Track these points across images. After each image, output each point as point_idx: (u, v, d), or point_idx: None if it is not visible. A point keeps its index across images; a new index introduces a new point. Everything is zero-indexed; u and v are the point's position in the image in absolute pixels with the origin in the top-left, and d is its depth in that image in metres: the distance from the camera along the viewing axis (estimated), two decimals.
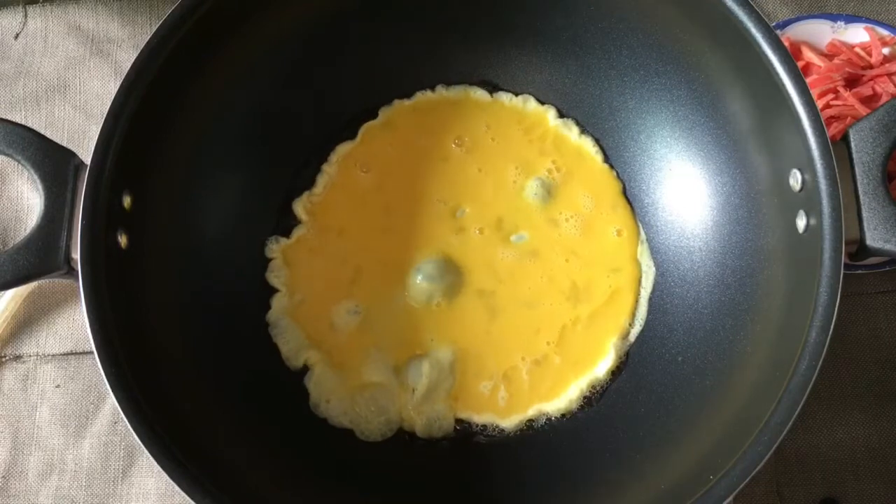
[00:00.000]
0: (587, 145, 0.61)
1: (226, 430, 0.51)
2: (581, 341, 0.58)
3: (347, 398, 0.57)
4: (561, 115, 0.62)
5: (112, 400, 0.46)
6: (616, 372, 0.57)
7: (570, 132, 0.62)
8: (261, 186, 0.59)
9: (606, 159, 0.61)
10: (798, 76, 0.46)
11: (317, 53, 0.59)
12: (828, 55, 0.65)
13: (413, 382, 0.57)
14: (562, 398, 0.57)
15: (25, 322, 0.65)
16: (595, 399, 0.57)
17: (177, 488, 0.43)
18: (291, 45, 0.58)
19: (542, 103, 0.62)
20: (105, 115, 0.47)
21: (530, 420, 0.57)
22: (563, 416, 0.57)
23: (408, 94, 0.62)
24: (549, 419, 0.57)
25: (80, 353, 0.64)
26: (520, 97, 0.62)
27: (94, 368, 0.50)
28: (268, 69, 0.57)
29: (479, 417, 0.57)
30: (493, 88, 0.63)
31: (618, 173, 0.61)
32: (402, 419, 0.57)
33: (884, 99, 0.63)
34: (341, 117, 0.62)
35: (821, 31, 0.66)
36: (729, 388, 0.50)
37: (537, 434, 0.57)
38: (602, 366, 0.57)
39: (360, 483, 0.55)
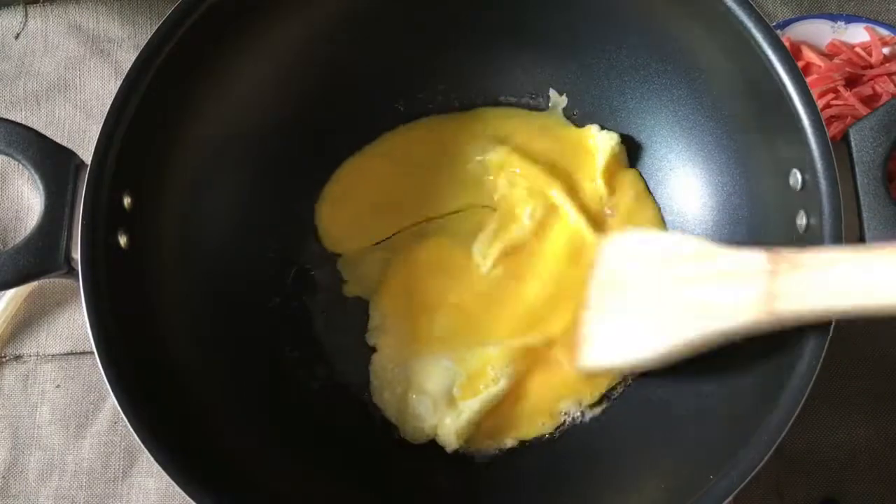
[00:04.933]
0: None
1: (227, 430, 0.51)
2: None
3: (398, 396, 0.57)
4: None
5: (112, 400, 0.46)
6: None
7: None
8: (262, 185, 0.59)
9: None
10: (798, 76, 0.46)
11: (317, 53, 0.59)
12: (828, 55, 0.65)
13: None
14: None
15: (25, 322, 0.65)
16: (595, 402, 0.57)
17: (177, 488, 0.43)
18: (293, 44, 0.58)
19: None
20: (105, 115, 0.47)
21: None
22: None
23: (407, 94, 0.62)
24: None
25: (80, 353, 0.64)
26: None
27: (94, 368, 0.50)
28: (269, 68, 0.57)
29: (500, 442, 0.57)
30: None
31: None
32: (436, 434, 0.56)
33: (884, 99, 0.63)
34: (343, 116, 0.62)
35: (821, 31, 0.66)
36: (729, 388, 0.50)
37: (538, 439, 0.57)
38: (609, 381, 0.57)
39: (362, 482, 0.55)
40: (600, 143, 0.60)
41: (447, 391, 0.56)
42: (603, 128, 0.60)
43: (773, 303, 0.42)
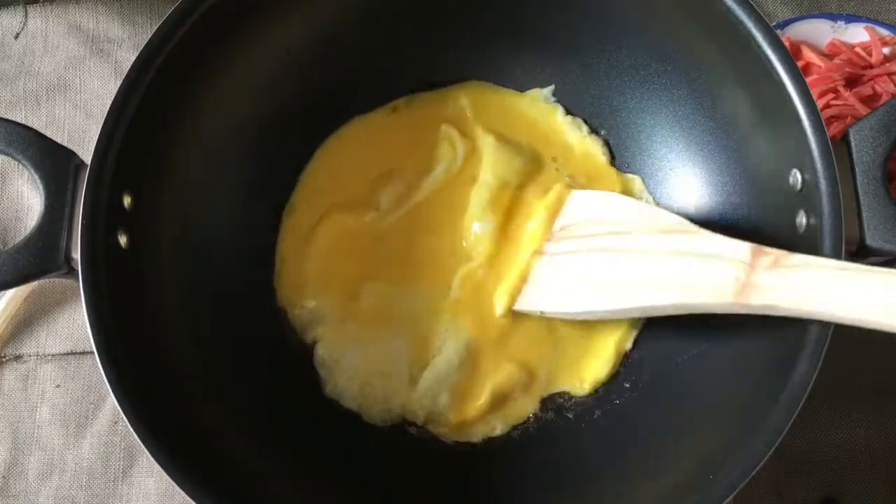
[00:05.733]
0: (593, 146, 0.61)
1: (226, 430, 0.51)
2: (583, 342, 0.58)
3: (357, 386, 0.57)
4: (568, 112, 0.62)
5: (112, 400, 0.46)
6: (615, 373, 0.57)
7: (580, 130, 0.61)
8: (263, 184, 0.59)
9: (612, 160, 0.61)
10: (798, 76, 0.46)
11: (318, 52, 0.59)
12: (828, 55, 0.65)
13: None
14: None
15: (25, 322, 0.65)
16: (590, 399, 0.57)
17: (177, 488, 0.43)
18: (293, 43, 0.58)
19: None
20: (105, 115, 0.47)
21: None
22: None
23: (402, 95, 0.62)
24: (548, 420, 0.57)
25: (80, 353, 0.64)
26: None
27: (94, 368, 0.50)
28: (270, 68, 0.57)
29: (476, 429, 0.57)
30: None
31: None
32: (405, 411, 0.57)
33: (884, 98, 0.63)
34: (342, 115, 0.62)
35: (821, 31, 0.66)
36: (729, 389, 0.50)
37: (537, 434, 0.57)
38: (602, 367, 0.57)
39: (362, 479, 0.55)
40: (566, 128, 0.61)
41: (404, 368, 0.57)
42: (589, 125, 0.61)
43: (745, 292, 0.42)
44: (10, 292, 0.64)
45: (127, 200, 0.48)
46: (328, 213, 0.60)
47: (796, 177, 0.47)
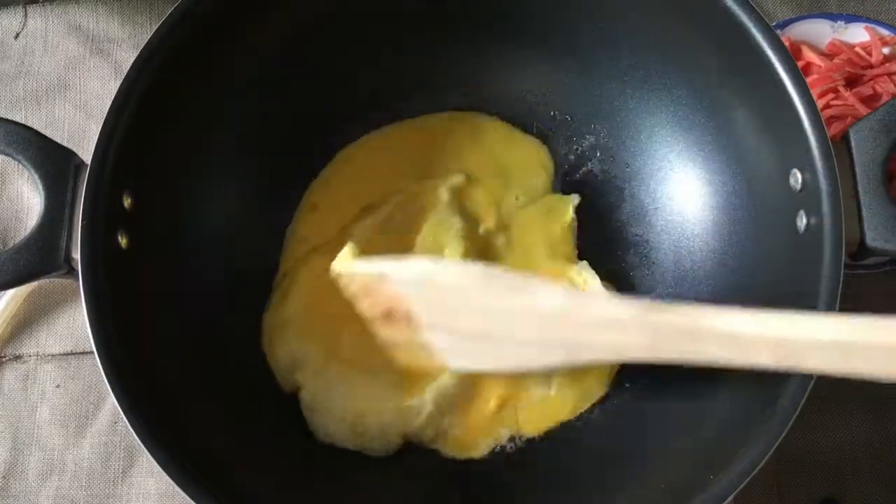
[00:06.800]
0: None
1: (227, 431, 0.51)
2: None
3: (348, 426, 0.55)
4: None
5: (112, 400, 0.46)
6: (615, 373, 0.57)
7: None
8: (263, 185, 0.59)
9: None
10: (798, 76, 0.46)
11: (318, 52, 0.59)
12: (828, 55, 0.65)
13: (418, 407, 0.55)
14: None
15: (25, 322, 0.65)
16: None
17: (177, 488, 0.43)
18: (293, 43, 0.58)
19: None
20: (105, 115, 0.47)
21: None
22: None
23: (407, 98, 0.62)
24: None
25: (80, 353, 0.64)
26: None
27: (94, 368, 0.50)
28: (270, 68, 0.57)
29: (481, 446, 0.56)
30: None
31: (617, 174, 0.61)
32: (407, 439, 0.55)
33: (884, 99, 0.63)
34: (342, 116, 0.62)
35: (821, 31, 0.66)
36: (729, 389, 0.50)
37: (537, 439, 0.57)
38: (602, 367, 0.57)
39: (365, 484, 0.55)
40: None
41: (398, 400, 0.55)
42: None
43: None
44: (10, 292, 0.64)
45: (127, 200, 0.48)
46: (306, 257, 0.58)
47: (796, 177, 0.47)
